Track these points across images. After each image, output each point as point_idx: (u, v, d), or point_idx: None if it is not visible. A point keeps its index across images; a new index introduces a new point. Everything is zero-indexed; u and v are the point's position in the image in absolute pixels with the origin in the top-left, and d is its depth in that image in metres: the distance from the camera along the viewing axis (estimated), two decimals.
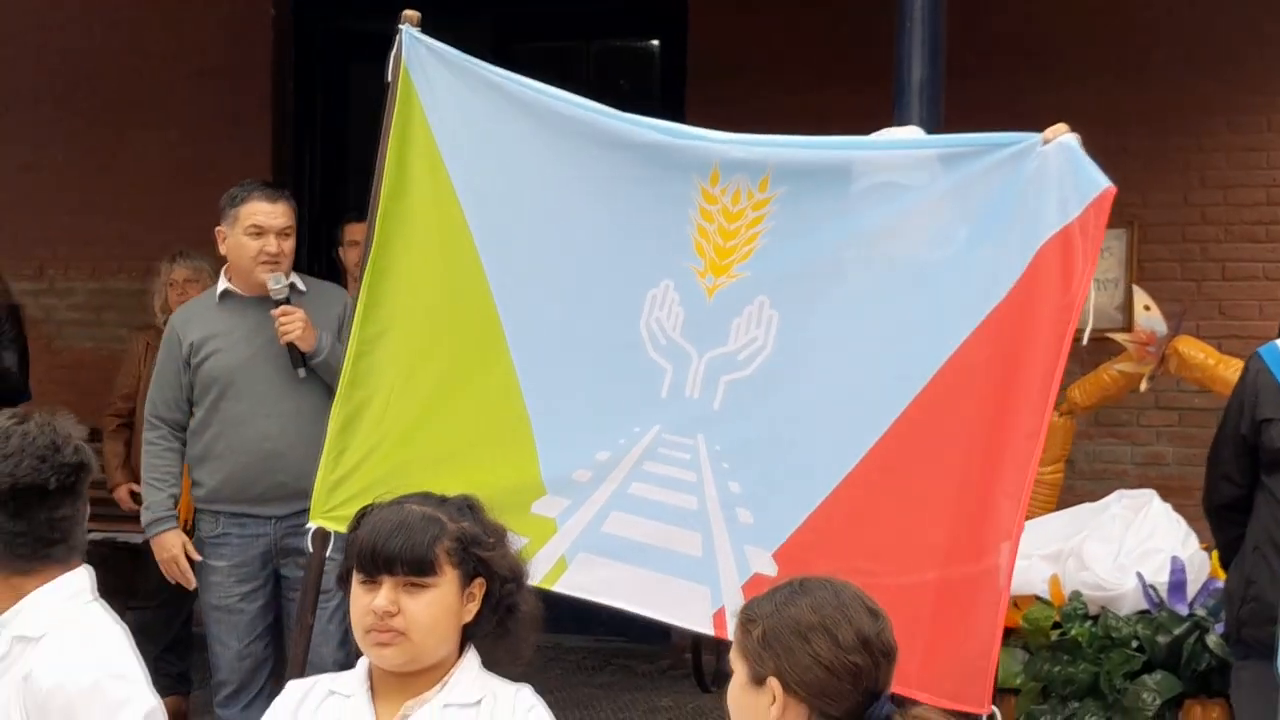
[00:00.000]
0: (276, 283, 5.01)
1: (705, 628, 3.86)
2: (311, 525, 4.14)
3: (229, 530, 5.09)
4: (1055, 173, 3.52)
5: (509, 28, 8.35)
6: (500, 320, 4.08)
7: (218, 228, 5.14)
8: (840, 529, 3.68)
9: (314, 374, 5.01)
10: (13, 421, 2.80)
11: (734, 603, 3.74)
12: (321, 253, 7.95)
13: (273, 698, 5.17)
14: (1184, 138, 7.39)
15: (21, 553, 2.76)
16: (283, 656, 5.23)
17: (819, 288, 3.79)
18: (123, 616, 2.91)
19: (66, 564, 2.81)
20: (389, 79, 4.17)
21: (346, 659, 5.15)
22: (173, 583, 5.16)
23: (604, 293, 4.00)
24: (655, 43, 8.76)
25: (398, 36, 4.16)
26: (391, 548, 2.78)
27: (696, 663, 7.42)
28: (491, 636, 2.90)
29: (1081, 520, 5.15)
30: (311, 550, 4.15)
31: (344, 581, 2.94)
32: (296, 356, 5.00)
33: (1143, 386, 5.33)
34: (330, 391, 4.89)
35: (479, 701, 2.83)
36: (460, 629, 2.87)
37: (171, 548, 5.05)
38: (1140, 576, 4.73)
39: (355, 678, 2.91)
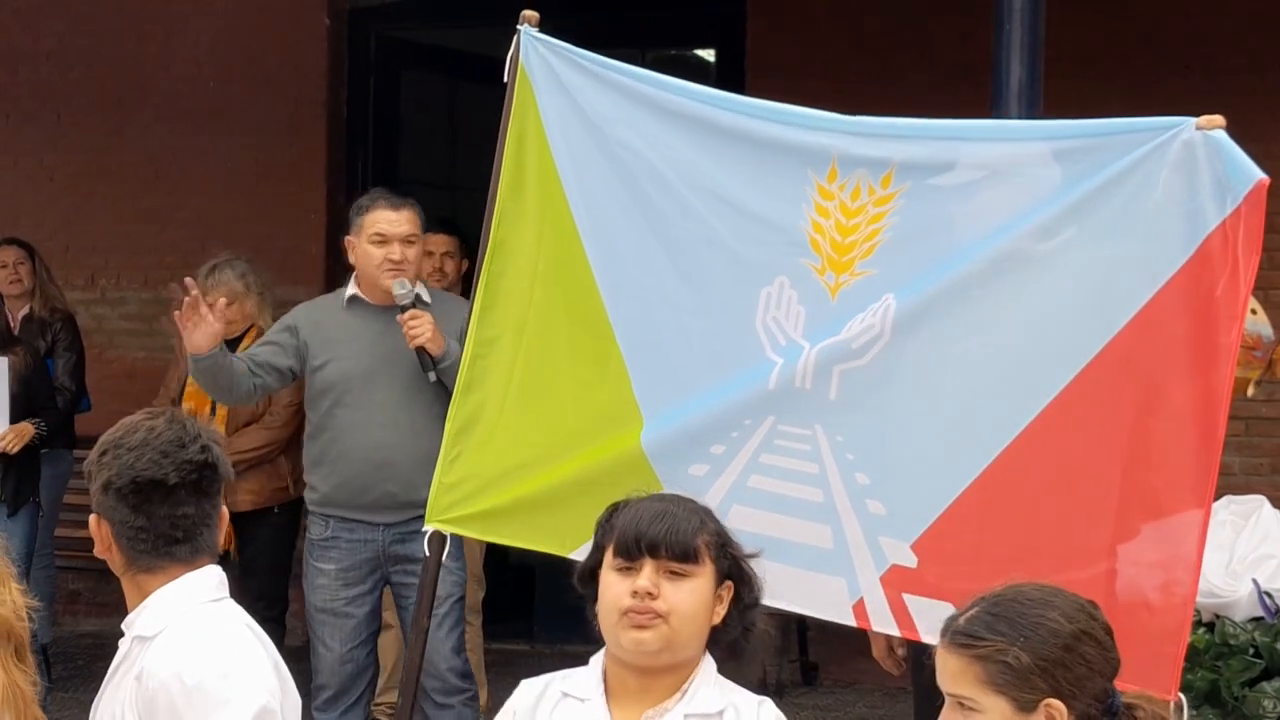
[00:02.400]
0: (401, 287, 4.99)
1: (846, 619, 3.80)
2: (427, 529, 4.09)
3: (338, 534, 5.10)
4: (1208, 162, 3.47)
5: (564, 36, 8.28)
6: (610, 322, 4.05)
7: (347, 237, 5.18)
8: (986, 521, 3.63)
9: (441, 380, 4.92)
10: (143, 417, 2.78)
11: (873, 594, 3.71)
12: None
13: (369, 706, 5.20)
14: (1257, 145, 7.32)
15: (142, 549, 2.73)
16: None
17: (946, 278, 3.71)
18: None
19: (191, 564, 2.76)
20: (506, 79, 4.14)
21: (464, 666, 5.13)
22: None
23: (715, 291, 3.95)
24: (711, 53, 8.74)
25: (515, 37, 4.13)
26: (656, 532, 2.78)
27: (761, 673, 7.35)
28: (725, 650, 2.86)
29: None
30: (428, 554, 4.10)
31: (585, 580, 2.88)
32: (426, 361, 4.96)
33: (1249, 392, 5.25)
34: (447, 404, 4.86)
35: (721, 712, 2.78)
36: (707, 631, 2.82)
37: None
38: (1255, 583, 4.69)
39: (590, 681, 2.84)
